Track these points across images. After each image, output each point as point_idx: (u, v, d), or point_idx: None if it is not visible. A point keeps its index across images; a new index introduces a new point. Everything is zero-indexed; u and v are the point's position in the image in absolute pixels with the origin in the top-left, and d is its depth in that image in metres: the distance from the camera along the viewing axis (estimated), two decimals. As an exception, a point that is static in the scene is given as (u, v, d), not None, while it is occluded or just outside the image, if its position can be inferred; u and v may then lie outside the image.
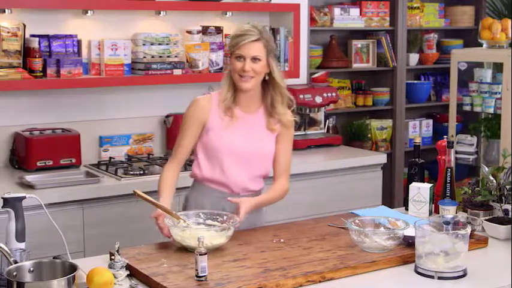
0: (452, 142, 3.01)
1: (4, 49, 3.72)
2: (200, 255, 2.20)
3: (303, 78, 4.79)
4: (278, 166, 2.95)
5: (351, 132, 5.27)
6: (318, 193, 4.14)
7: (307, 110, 4.62)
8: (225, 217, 2.65)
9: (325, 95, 4.55)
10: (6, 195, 2.33)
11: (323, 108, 4.71)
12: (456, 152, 4.76)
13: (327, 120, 4.87)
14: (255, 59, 2.75)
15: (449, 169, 2.98)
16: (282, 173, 2.96)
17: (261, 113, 2.89)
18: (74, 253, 2.96)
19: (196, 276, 2.21)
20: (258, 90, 2.85)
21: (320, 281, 2.28)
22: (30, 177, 3.52)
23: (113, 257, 2.32)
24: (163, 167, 2.91)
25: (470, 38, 5.68)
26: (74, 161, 3.82)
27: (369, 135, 5.32)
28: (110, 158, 4.04)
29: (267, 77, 2.84)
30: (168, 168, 2.87)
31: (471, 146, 4.96)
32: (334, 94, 4.61)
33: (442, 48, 5.72)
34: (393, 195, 5.34)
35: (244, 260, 2.41)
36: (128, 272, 2.31)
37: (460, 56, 4.81)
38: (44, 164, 3.74)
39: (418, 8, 5.49)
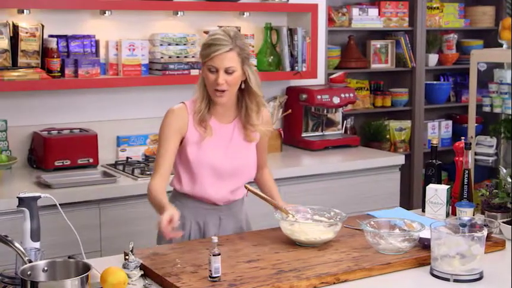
0: (470, 143, 2.98)
1: (23, 49, 3.75)
2: (214, 255, 2.20)
3: (320, 79, 4.78)
4: (260, 159, 2.86)
5: (369, 133, 5.24)
6: (335, 194, 4.12)
7: (325, 111, 4.60)
8: (332, 213, 2.70)
9: (342, 95, 4.53)
10: (22, 195, 2.34)
11: (341, 109, 4.69)
12: (475, 154, 4.72)
13: (345, 121, 4.85)
14: (228, 71, 2.59)
15: (467, 171, 2.95)
16: (263, 167, 2.91)
17: (236, 122, 2.76)
18: (91, 253, 2.98)
19: (210, 276, 2.21)
20: (233, 99, 2.71)
21: (334, 283, 2.26)
22: (47, 177, 3.54)
23: (127, 257, 2.33)
24: (150, 184, 2.66)
25: (490, 38, 5.63)
26: (91, 160, 3.84)
27: (388, 136, 5.29)
28: (127, 158, 4.05)
29: (243, 85, 2.69)
30: (155, 182, 2.64)
31: (491, 147, 4.91)
32: (352, 95, 4.59)
33: (461, 49, 5.68)
34: (412, 197, 5.30)
35: (258, 261, 2.40)
36: (142, 272, 2.32)
37: (479, 56, 4.77)
38: (61, 164, 3.76)
39: (438, 8, 5.45)
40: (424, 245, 2.50)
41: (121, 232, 3.47)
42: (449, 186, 2.99)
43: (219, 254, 2.20)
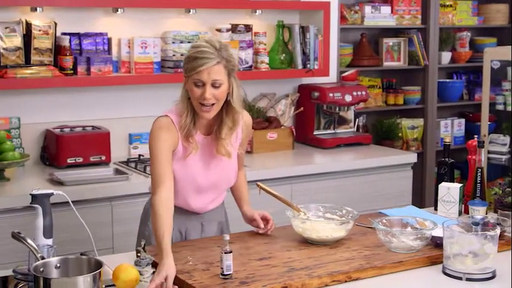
0: (483, 142, 2.97)
1: (36, 47, 3.76)
2: (225, 253, 2.20)
3: (332, 77, 4.77)
4: (238, 163, 2.77)
5: (381, 131, 5.22)
6: (347, 192, 4.11)
7: (337, 109, 4.60)
8: (343, 211, 2.70)
9: (354, 93, 4.52)
10: (35, 192, 2.35)
11: (353, 107, 4.68)
12: (489, 152, 4.70)
13: (357, 119, 4.84)
14: (215, 84, 2.47)
15: (480, 169, 2.94)
16: (241, 165, 2.82)
17: (213, 135, 2.64)
18: (103, 250, 2.99)
19: (222, 274, 2.21)
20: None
21: (346, 281, 2.26)
22: (60, 174, 3.56)
23: (139, 254, 2.33)
24: (158, 198, 2.45)
25: (503, 36, 5.60)
26: (103, 158, 3.85)
27: (400, 135, 5.28)
28: (139, 155, 4.06)
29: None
30: (163, 196, 2.45)
31: (504, 145, 4.88)
32: (364, 93, 4.58)
33: (475, 47, 5.65)
34: (424, 195, 5.29)
35: (269, 258, 2.40)
36: (154, 270, 2.32)
37: (493, 54, 4.74)
38: (74, 161, 3.77)
39: (451, 5, 5.42)
40: (437, 243, 2.49)
41: (133, 229, 3.46)
42: (462, 184, 2.98)
43: (230, 252, 2.20)
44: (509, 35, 5.50)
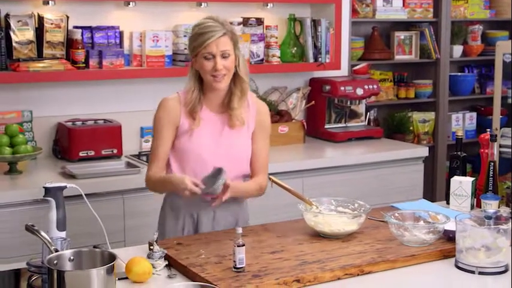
0: (496, 135, 2.96)
1: (48, 40, 3.77)
2: (238, 246, 2.20)
3: (344, 70, 4.76)
4: (253, 165, 2.79)
5: (392, 125, 5.21)
6: (358, 186, 4.11)
7: (348, 102, 4.59)
8: (356, 205, 2.70)
9: (366, 87, 4.51)
10: (48, 185, 2.36)
11: (364, 100, 4.67)
12: (500, 146, 4.68)
13: (368, 113, 4.83)
14: (224, 55, 2.60)
15: (492, 163, 2.93)
16: (259, 171, 2.79)
17: (225, 113, 2.73)
18: (115, 243, 2.99)
19: (234, 267, 2.21)
20: (227, 87, 2.71)
21: (358, 275, 2.26)
22: (72, 167, 3.57)
23: (151, 247, 2.34)
24: (148, 175, 2.75)
25: (516, 29, 5.58)
26: (115, 151, 3.86)
27: (411, 128, 5.26)
28: (151, 148, 4.07)
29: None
30: (153, 172, 2.73)
31: (515, 139, 4.86)
32: (375, 86, 4.57)
33: (486, 40, 5.62)
34: (435, 189, 5.27)
35: (282, 252, 2.40)
36: (167, 262, 2.33)
37: (505, 48, 4.72)
38: (86, 155, 3.78)
39: (463, -2, 5.40)
40: (449, 237, 2.48)
41: (145, 222, 3.48)
42: (474, 178, 2.97)
43: (243, 245, 2.21)
44: (522, 28, 5.48)
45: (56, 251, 2.09)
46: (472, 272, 2.28)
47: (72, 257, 2.09)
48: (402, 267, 2.35)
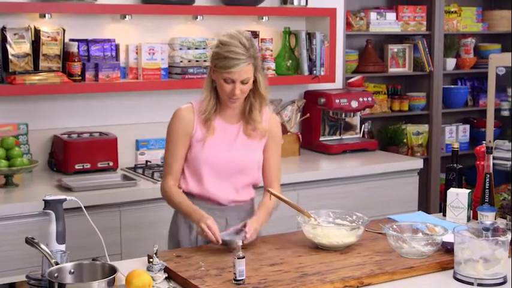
0: (492, 148, 2.98)
1: (44, 53, 3.78)
2: (238, 258, 2.21)
3: (338, 83, 4.78)
4: (267, 175, 2.83)
5: (386, 137, 5.24)
6: (353, 198, 4.12)
7: (343, 115, 4.60)
8: (354, 217, 2.72)
9: (361, 99, 4.53)
10: (48, 198, 2.36)
11: (359, 112, 4.69)
12: (493, 158, 4.70)
13: (363, 125, 4.85)
14: (244, 82, 2.62)
15: (488, 175, 2.96)
16: (272, 182, 2.84)
17: (242, 123, 2.77)
18: (111, 255, 2.96)
19: (234, 280, 2.22)
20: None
21: (358, 286, 2.27)
22: (68, 180, 3.57)
23: (151, 260, 2.34)
24: (165, 185, 2.78)
25: (508, 42, 5.62)
26: (111, 164, 3.86)
27: (405, 140, 5.29)
28: (147, 161, 4.08)
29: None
30: (169, 184, 2.76)
31: (508, 151, 4.89)
32: (370, 99, 4.60)
33: (479, 53, 5.66)
34: (429, 201, 5.29)
35: (281, 264, 2.41)
36: (166, 275, 2.33)
37: (498, 60, 4.75)
38: (81, 167, 3.78)
39: (455, 12, 5.44)
40: (447, 249, 2.50)
41: (141, 235, 3.49)
42: (470, 190, 2.99)
43: (243, 257, 2.21)
44: (514, 41, 5.52)
45: (56, 263, 2.09)
46: (471, 284, 2.29)
47: (72, 270, 2.10)
48: (401, 279, 2.36)
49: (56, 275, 2.04)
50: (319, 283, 2.22)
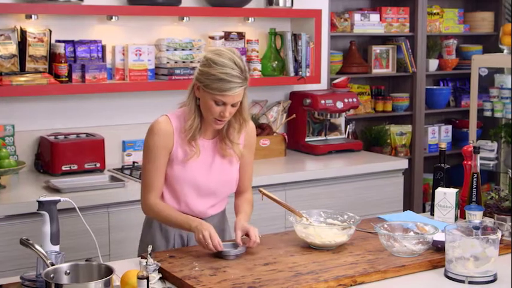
0: (479, 147, 3.02)
1: (30, 54, 3.76)
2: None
3: (323, 84, 4.81)
4: (242, 182, 2.78)
5: (370, 138, 5.27)
6: (339, 198, 4.15)
7: (328, 115, 4.63)
8: (345, 216, 2.73)
9: (346, 100, 4.56)
10: (42, 199, 2.35)
11: (344, 113, 4.72)
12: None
13: (347, 126, 4.88)
14: (234, 105, 2.54)
15: (475, 174, 2.99)
16: (247, 187, 2.81)
17: (218, 138, 2.69)
18: (101, 256, 2.98)
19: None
20: None
21: (351, 285, 2.29)
22: (56, 182, 3.55)
23: (145, 260, 2.34)
24: (149, 203, 2.65)
25: (489, 43, 5.69)
26: (98, 165, 3.85)
27: (388, 141, 5.33)
28: (134, 162, 4.07)
29: None
30: (154, 201, 2.64)
31: (491, 151, 4.95)
32: (355, 99, 4.63)
33: (461, 54, 5.72)
34: (412, 201, 5.34)
35: (274, 263, 2.42)
36: (161, 275, 2.34)
37: (481, 61, 4.82)
38: (68, 168, 3.77)
39: (438, 14, 5.49)
40: (438, 247, 2.53)
41: (129, 236, 3.48)
42: (457, 190, 3.02)
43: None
44: (495, 42, 5.58)
45: (52, 264, 2.09)
46: (462, 282, 2.32)
47: (68, 271, 2.09)
48: (393, 277, 2.38)
49: (52, 275, 2.03)
50: (313, 282, 2.24)
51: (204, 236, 2.47)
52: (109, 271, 2.06)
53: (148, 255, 2.33)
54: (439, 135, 5.60)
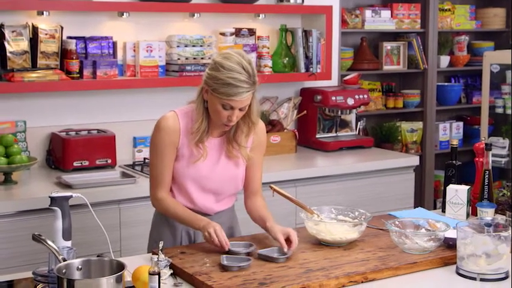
0: (491, 144, 3.01)
1: (42, 51, 3.77)
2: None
3: (334, 80, 4.80)
4: (252, 183, 2.75)
5: (381, 134, 5.26)
6: (350, 195, 4.14)
7: (339, 112, 4.62)
8: (356, 213, 2.73)
9: (356, 96, 4.55)
10: (54, 194, 2.36)
11: (355, 110, 4.71)
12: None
13: (358, 122, 4.87)
14: (242, 109, 2.53)
15: (487, 171, 2.98)
16: (258, 189, 2.78)
17: (225, 137, 2.67)
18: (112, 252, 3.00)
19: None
20: None
21: (362, 282, 2.29)
22: (67, 177, 3.56)
23: (157, 256, 2.34)
24: (158, 197, 2.66)
25: (501, 40, 5.67)
26: (109, 161, 3.86)
27: (399, 138, 5.31)
28: (144, 158, 4.08)
29: None
30: (163, 195, 2.65)
31: (503, 148, 4.93)
32: (365, 96, 4.62)
33: (473, 51, 5.70)
34: (423, 198, 5.33)
35: (285, 260, 2.42)
36: (172, 271, 2.34)
37: (492, 58, 4.80)
38: (80, 164, 3.78)
39: (449, 10, 5.47)
40: (449, 244, 2.52)
41: (140, 232, 3.48)
42: (469, 186, 3.01)
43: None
44: (506, 38, 5.56)
45: (64, 260, 2.10)
46: (474, 279, 2.32)
47: (80, 266, 2.10)
48: (405, 274, 2.38)
49: (64, 271, 2.04)
50: (324, 278, 2.24)
51: (210, 232, 2.48)
52: (121, 267, 2.06)
53: (160, 251, 2.34)
54: (450, 132, 5.58)
